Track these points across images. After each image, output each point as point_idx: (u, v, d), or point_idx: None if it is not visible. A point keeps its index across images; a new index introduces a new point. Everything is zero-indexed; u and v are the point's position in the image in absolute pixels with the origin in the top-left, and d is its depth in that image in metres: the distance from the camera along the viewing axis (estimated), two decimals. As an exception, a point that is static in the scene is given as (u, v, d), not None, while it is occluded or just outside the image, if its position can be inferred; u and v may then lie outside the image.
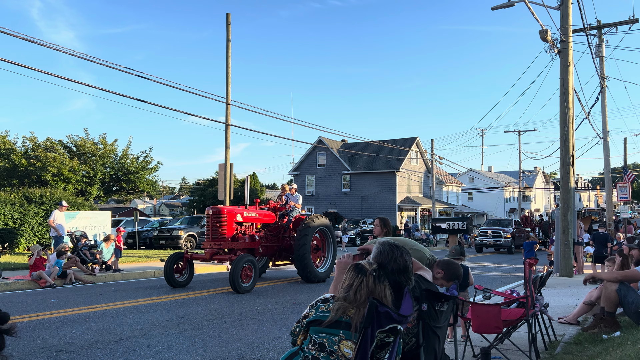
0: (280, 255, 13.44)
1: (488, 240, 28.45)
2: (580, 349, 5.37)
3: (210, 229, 12.08)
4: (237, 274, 10.50)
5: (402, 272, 2.79)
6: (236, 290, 10.50)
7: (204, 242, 12.58)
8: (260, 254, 12.83)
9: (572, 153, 14.31)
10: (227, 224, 12.02)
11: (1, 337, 2.08)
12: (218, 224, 11.99)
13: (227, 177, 18.20)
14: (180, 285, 11.52)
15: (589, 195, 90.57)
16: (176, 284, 11.41)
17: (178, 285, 11.44)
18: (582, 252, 15.80)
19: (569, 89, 14.23)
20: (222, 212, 12.11)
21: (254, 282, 11.06)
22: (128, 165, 29.34)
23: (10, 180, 25.92)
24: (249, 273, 10.94)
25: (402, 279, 2.78)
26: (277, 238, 13.33)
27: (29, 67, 11.68)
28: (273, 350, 6.07)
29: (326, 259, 13.81)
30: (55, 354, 5.77)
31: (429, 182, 47.22)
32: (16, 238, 19.33)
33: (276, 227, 13.46)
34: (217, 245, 11.95)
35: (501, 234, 28.18)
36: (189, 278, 11.88)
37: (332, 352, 2.47)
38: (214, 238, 12.00)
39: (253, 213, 12.90)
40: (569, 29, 14.25)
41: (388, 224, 6.30)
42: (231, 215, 12.18)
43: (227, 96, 18.82)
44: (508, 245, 27.94)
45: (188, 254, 11.90)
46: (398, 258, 2.81)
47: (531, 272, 5.52)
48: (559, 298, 9.79)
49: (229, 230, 12.04)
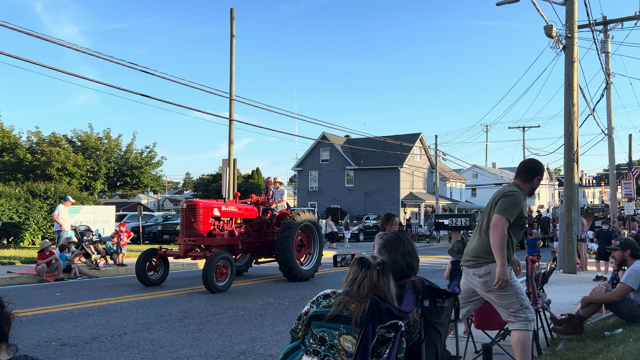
0: (263, 251, 12.77)
1: None
2: (582, 345, 5.38)
3: (184, 224, 11.39)
4: (210, 272, 9.88)
5: (412, 254, 3.02)
6: (210, 290, 9.96)
7: (177, 238, 11.86)
8: (240, 250, 12.22)
9: (576, 149, 14.26)
10: (203, 219, 11.32)
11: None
12: (193, 219, 11.29)
13: (231, 172, 18.22)
14: (154, 283, 10.92)
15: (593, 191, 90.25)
16: (149, 283, 10.81)
17: (151, 283, 10.84)
18: (586, 249, 15.77)
19: (574, 85, 14.18)
20: (196, 206, 11.39)
21: (230, 280, 10.45)
22: (132, 160, 29.40)
23: (15, 174, 26.03)
24: (224, 271, 10.33)
25: (413, 260, 3.00)
26: (259, 234, 12.68)
27: (34, 62, 11.73)
28: (276, 344, 6.10)
29: (312, 256, 13.10)
30: (59, 348, 5.82)
31: (432, 178, 47.15)
32: (21, 232, 19.45)
33: (259, 222, 12.81)
34: (191, 242, 11.25)
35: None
36: (163, 276, 11.28)
37: (333, 345, 2.50)
38: (189, 234, 11.30)
39: (232, 207, 12.19)
40: (574, 25, 14.18)
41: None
42: (207, 210, 11.46)
43: (230, 91, 18.83)
44: None
45: (162, 251, 11.30)
46: (405, 241, 3.04)
47: (533, 269, 5.53)
48: (562, 295, 9.79)
49: (204, 225, 11.36)
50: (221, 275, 10.26)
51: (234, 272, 10.58)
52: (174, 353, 5.67)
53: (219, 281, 10.15)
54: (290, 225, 11.93)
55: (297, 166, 49.76)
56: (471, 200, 65.25)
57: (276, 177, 13.97)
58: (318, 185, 48.09)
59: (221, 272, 10.27)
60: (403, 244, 3.03)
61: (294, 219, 12.14)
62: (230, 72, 19.04)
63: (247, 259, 13.57)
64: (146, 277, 10.80)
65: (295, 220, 12.15)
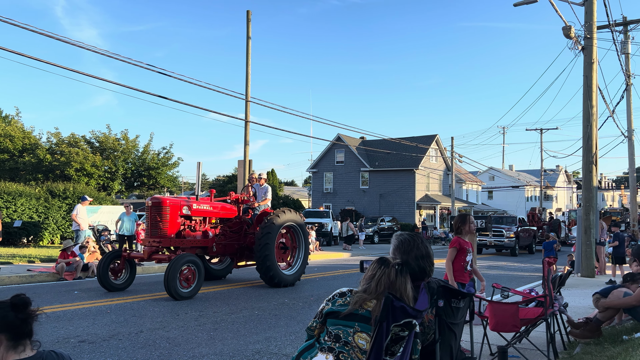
0: (243, 254, 11.74)
1: (488, 240, 24.15)
2: (600, 349, 5.31)
3: (149, 224, 10.37)
4: (172, 276, 8.96)
5: (425, 258, 2.98)
6: (172, 297, 9.04)
7: (142, 239, 10.78)
8: (215, 253, 11.24)
9: (595, 152, 14.07)
10: (170, 218, 10.30)
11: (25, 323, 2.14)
12: (159, 218, 10.25)
13: (246, 173, 18.33)
14: (119, 288, 10.08)
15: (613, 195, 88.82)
16: (112, 287, 9.97)
17: (115, 288, 9.99)
18: (604, 252, 15.54)
19: (593, 87, 13.99)
20: (163, 204, 10.30)
21: (197, 286, 9.47)
22: (149, 160, 29.72)
23: (35, 174, 26.47)
24: (189, 276, 9.39)
25: (426, 264, 2.96)
26: (238, 235, 11.64)
27: (54, 64, 11.94)
28: (290, 344, 6.13)
29: (296, 260, 12.05)
30: (78, 345, 5.92)
31: (448, 180, 46.84)
32: (40, 231, 19.79)
33: (238, 222, 11.75)
34: (156, 243, 10.19)
35: (503, 233, 24.21)
36: (129, 280, 10.42)
37: (347, 342, 2.52)
38: (154, 234, 10.26)
39: (205, 206, 11.14)
40: (594, 26, 14.00)
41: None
42: (175, 208, 10.44)
43: (246, 93, 18.95)
44: (511, 246, 24.15)
45: (126, 253, 10.49)
46: (420, 244, 3.01)
47: (550, 271, 5.47)
48: (580, 298, 9.67)
49: (171, 225, 10.34)
50: (186, 280, 9.31)
51: (201, 277, 9.58)
52: (189, 351, 5.73)
53: (183, 287, 9.22)
54: (269, 227, 10.95)
55: (312, 167, 49.82)
56: (487, 202, 64.68)
57: (260, 173, 12.91)
58: (333, 186, 48.08)
59: (186, 277, 9.31)
60: (417, 247, 2.99)
61: (274, 219, 11.13)
62: (247, 73, 19.17)
63: (227, 262, 12.64)
64: (108, 281, 9.97)
65: (275, 221, 11.13)
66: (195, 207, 10.83)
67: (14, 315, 2.12)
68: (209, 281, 11.70)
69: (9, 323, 2.11)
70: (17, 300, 2.16)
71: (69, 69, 12.44)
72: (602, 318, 6.02)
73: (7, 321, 2.11)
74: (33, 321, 2.19)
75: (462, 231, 5.38)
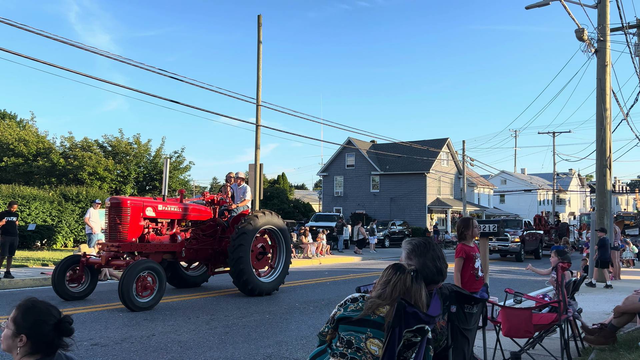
0: (218, 259, 10.92)
1: (492, 245, 22.31)
2: (615, 355, 5.24)
3: (108, 227, 9.51)
4: (127, 285, 8.11)
5: (441, 259, 3.03)
6: (128, 307, 8.18)
7: (101, 243, 9.96)
8: (185, 258, 10.38)
9: (609, 155, 13.92)
10: (131, 220, 9.41)
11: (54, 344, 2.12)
12: (118, 220, 9.37)
13: (257, 177, 18.39)
14: (77, 297, 9.25)
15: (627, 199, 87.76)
16: (69, 296, 9.12)
17: (72, 297, 9.16)
18: (619, 257, 15.35)
19: (607, 89, 13.86)
20: (122, 205, 9.41)
21: (157, 295, 8.62)
22: (161, 164, 29.90)
23: (49, 178, 26.74)
24: (148, 284, 8.50)
25: (442, 265, 3.01)
26: (213, 239, 10.88)
27: (68, 69, 12.07)
28: (301, 349, 6.12)
29: (275, 266, 11.26)
30: (91, 347, 5.96)
31: (459, 183, 46.59)
32: (54, 234, 19.99)
33: (212, 225, 10.94)
34: (114, 247, 9.30)
35: (508, 237, 23.03)
36: (89, 287, 9.54)
37: (359, 349, 2.52)
38: (112, 238, 9.39)
39: (173, 207, 10.24)
40: (607, 28, 13.88)
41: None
42: (137, 209, 9.53)
43: (257, 97, 19.02)
44: (516, 251, 22.92)
45: (84, 258, 9.49)
46: (434, 246, 3.05)
47: (564, 276, 5.41)
48: (594, 304, 9.55)
49: (132, 228, 9.46)
50: (144, 289, 8.47)
51: (163, 285, 8.72)
52: (200, 355, 5.74)
53: (141, 297, 8.38)
54: (244, 230, 10.18)
55: (322, 171, 49.83)
56: (499, 206, 64.22)
57: (238, 172, 11.80)
58: (343, 190, 48.04)
59: (144, 285, 8.47)
60: (432, 249, 3.03)
61: (250, 222, 10.34)
62: (257, 78, 19.25)
63: (204, 269, 11.79)
64: (64, 289, 9.11)
65: (253, 222, 10.36)
66: (160, 209, 9.95)
67: (53, 332, 2.10)
68: (186, 289, 11.21)
69: (42, 335, 2.08)
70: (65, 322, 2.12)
71: (83, 74, 12.57)
72: (617, 324, 5.94)
73: (41, 332, 2.08)
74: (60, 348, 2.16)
75: (466, 236, 5.07)
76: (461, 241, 5.08)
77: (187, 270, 11.83)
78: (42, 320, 2.08)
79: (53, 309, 2.15)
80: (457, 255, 5.01)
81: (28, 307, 2.11)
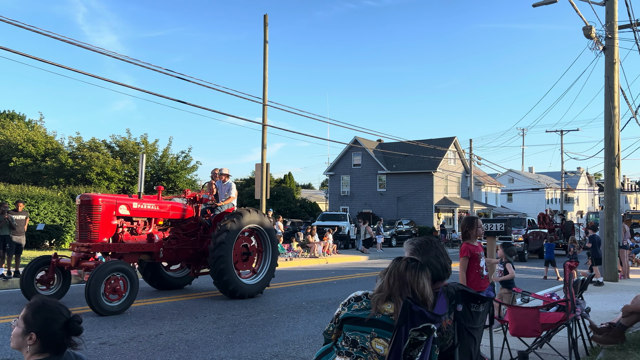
0: (200, 260, 10.45)
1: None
2: (624, 355, 5.21)
3: (78, 226, 9.04)
4: (95, 288, 7.66)
5: (445, 256, 3.05)
6: (96, 311, 7.75)
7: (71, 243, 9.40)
8: (163, 259, 9.86)
9: (617, 153, 13.83)
10: (102, 219, 8.88)
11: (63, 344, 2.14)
12: (89, 219, 8.83)
13: (264, 176, 18.43)
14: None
15: (636, 197, 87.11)
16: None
17: None
18: (628, 255, 15.25)
19: (615, 87, 13.76)
20: (93, 202, 8.82)
21: (128, 299, 8.16)
22: (168, 164, 30.04)
23: (57, 178, 26.93)
24: (117, 287, 8.05)
25: (447, 261, 3.04)
26: (194, 239, 10.37)
27: (76, 70, 12.16)
28: (308, 348, 6.13)
29: (260, 269, 10.62)
30: (99, 346, 6.00)
31: (467, 182, 46.43)
32: (62, 234, 20.13)
33: (193, 224, 10.39)
34: (85, 248, 8.81)
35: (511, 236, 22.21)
36: (61, 290, 9.07)
37: (365, 348, 2.53)
38: (82, 238, 8.90)
39: (150, 205, 9.67)
40: (615, 25, 13.78)
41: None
42: (109, 207, 9.00)
43: (264, 97, 19.06)
44: (520, 251, 22.45)
45: (54, 259, 8.95)
46: (437, 244, 3.08)
47: (571, 275, 5.39)
48: (603, 303, 9.50)
49: (104, 227, 8.93)
50: (114, 292, 8.01)
51: (135, 288, 8.26)
52: (208, 354, 5.77)
53: (110, 300, 7.94)
54: (226, 228, 9.68)
55: (329, 171, 49.82)
56: (507, 205, 63.93)
57: (222, 169, 11.15)
58: (350, 189, 48.01)
59: (113, 288, 8.02)
60: (435, 247, 3.06)
61: (233, 220, 9.86)
62: (264, 77, 19.28)
63: (187, 270, 11.25)
64: (32, 291, 8.62)
65: (235, 221, 9.85)
66: (135, 207, 9.39)
67: (62, 331, 2.12)
68: (168, 291, 10.78)
69: (52, 333, 2.10)
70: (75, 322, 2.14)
71: (90, 74, 12.66)
72: (626, 323, 5.90)
73: (51, 330, 2.10)
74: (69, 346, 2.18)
75: (470, 236, 5.01)
76: (465, 240, 5.06)
77: (169, 272, 11.23)
78: (52, 319, 2.11)
79: (63, 308, 2.17)
80: (461, 254, 4.99)
81: (38, 305, 2.14)
